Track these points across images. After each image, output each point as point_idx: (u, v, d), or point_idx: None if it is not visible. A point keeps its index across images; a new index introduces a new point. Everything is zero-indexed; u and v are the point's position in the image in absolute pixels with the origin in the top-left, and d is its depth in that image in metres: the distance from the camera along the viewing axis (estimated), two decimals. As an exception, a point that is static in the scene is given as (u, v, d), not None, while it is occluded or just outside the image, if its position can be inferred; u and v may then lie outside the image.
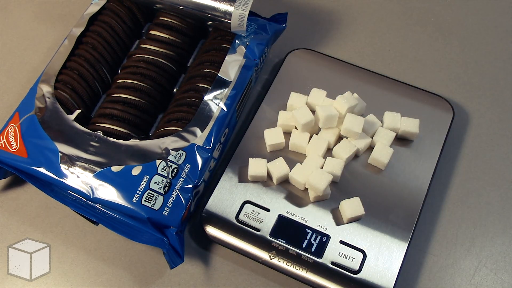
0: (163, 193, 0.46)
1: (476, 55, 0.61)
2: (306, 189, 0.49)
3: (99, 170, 0.47)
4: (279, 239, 0.47)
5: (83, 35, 0.55)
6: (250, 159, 0.50)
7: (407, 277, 0.48)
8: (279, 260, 0.46)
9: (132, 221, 0.46)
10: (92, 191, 0.46)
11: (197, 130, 0.49)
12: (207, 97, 0.51)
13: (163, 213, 0.46)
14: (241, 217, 0.48)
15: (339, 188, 0.50)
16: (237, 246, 0.47)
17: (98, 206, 0.47)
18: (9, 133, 0.49)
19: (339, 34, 0.62)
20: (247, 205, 0.49)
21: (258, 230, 0.48)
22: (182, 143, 0.48)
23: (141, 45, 0.55)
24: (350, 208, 0.47)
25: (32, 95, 0.51)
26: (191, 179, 0.47)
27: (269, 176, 0.50)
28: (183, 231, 0.48)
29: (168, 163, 0.47)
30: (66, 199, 0.47)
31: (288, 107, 0.53)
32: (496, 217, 0.51)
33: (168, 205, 0.46)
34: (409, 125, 0.52)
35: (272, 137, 0.51)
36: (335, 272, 0.46)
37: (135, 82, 0.52)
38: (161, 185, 0.46)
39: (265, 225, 0.48)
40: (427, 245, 0.50)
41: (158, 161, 0.47)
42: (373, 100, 0.54)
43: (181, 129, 0.49)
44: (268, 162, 0.50)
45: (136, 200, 0.46)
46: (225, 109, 0.50)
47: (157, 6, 0.56)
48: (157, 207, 0.46)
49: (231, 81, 0.51)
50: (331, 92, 0.53)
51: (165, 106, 0.54)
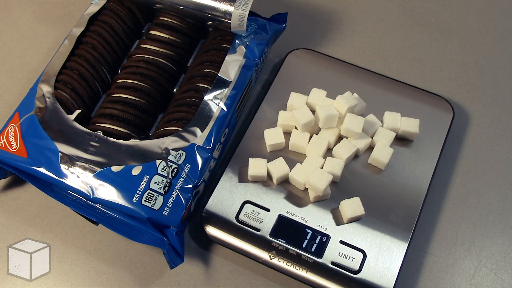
0: (163, 193, 0.46)
1: (476, 55, 0.61)
2: (306, 189, 0.49)
3: (99, 170, 0.47)
4: (279, 239, 0.47)
5: (83, 35, 0.55)
6: (250, 159, 0.50)
7: (407, 277, 0.48)
8: (279, 260, 0.46)
9: (132, 221, 0.46)
10: (92, 191, 0.46)
11: (197, 130, 0.49)
12: (207, 97, 0.51)
13: (163, 213, 0.46)
14: (241, 217, 0.48)
15: (339, 188, 0.50)
16: (237, 246, 0.47)
17: (98, 206, 0.47)
18: (9, 133, 0.49)
19: (339, 34, 0.62)
20: (247, 205, 0.49)
21: (258, 230, 0.48)
22: (182, 143, 0.48)
23: (141, 45, 0.55)
24: (350, 208, 0.47)
25: (32, 95, 0.51)
26: (191, 179, 0.47)
27: (269, 176, 0.50)
28: (183, 231, 0.48)
29: (168, 163, 0.47)
30: (66, 199, 0.47)
31: (288, 107, 0.53)
32: (496, 217, 0.51)
33: (168, 205, 0.46)
34: (409, 125, 0.52)
35: (272, 137, 0.51)
36: (335, 272, 0.46)
37: (135, 82, 0.52)
38: (161, 185, 0.46)
39: (265, 225, 0.48)
40: (427, 245, 0.50)
41: (158, 161, 0.47)
42: (373, 100, 0.54)
43: (181, 129, 0.49)
44: (268, 162, 0.50)
45: (136, 200, 0.46)
46: (225, 109, 0.50)
47: (157, 6, 0.56)
48: (157, 207, 0.46)
49: (231, 81, 0.51)
50: (331, 92, 0.53)
51: (165, 106, 0.54)
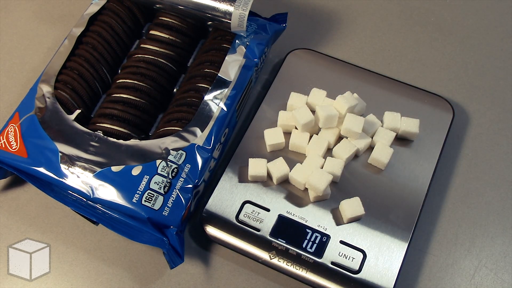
0: (163, 193, 0.46)
1: (476, 55, 0.61)
2: (306, 189, 0.49)
3: (99, 170, 0.47)
4: (279, 239, 0.47)
5: (83, 35, 0.55)
6: (250, 159, 0.50)
7: (407, 277, 0.48)
8: (279, 260, 0.46)
9: (132, 221, 0.46)
10: (92, 191, 0.46)
11: (197, 130, 0.49)
12: (207, 97, 0.51)
13: (163, 213, 0.46)
14: (241, 217, 0.48)
15: (339, 188, 0.50)
16: (237, 246, 0.47)
17: (98, 206, 0.47)
18: (9, 133, 0.49)
19: (339, 34, 0.62)
20: (247, 205, 0.49)
21: (258, 230, 0.48)
22: (182, 143, 0.48)
23: (141, 45, 0.55)
24: (350, 208, 0.47)
25: (32, 95, 0.51)
26: (191, 179, 0.47)
27: (269, 176, 0.50)
28: (183, 231, 0.48)
29: (168, 163, 0.47)
30: (66, 199, 0.47)
31: (288, 107, 0.53)
32: (496, 217, 0.51)
33: (168, 205, 0.46)
34: (409, 125, 0.52)
35: (272, 137, 0.51)
36: (335, 272, 0.46)
37: (135, 82, 0.52)
38: (161, 185, 0.46)
39: (265, 225, 0.48)
40: (427, 245, 0.50)
41: (158, 161, 0.47)
42: (373, 100, 0.54)
43: (181, 129, 0.49)
44: (268, 162, 0.50)
45: (136, 200, 0.46)
46: (225, 109, 0.50)
47: (157, 6, 0.56)
48: (157, 207, 0.46)
49: (231, 81, 0.51)
50: (331, 92, 0.53)
51: (165, 106, 0.54)
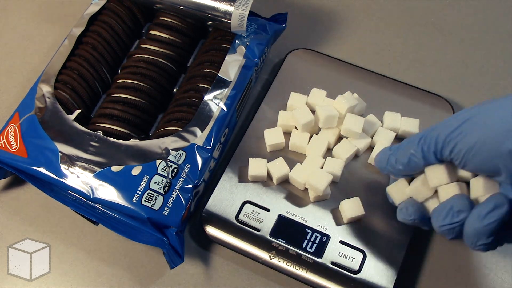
0: (163, 193, 0.46)
1: (476, 55, 0.61)
2: (306, 189, 0.49)
3: (99, 170, 0.47)
4: (279, 239, 0.47)
5: (83, 35, 0.55)
6: (250, 159, 0.50)
7: (407, 277, 0.48)
8: (279, 260, 0.46)
9: (132, 221, 0.46)
10: (92, 191, 0.46)
11: (197, 130, 0.49)
12: (207, 97, 0.51)
13: (163, 213, 0.46)
14: (241, 217, 0.48)
15: (339, 188, 0.50)
16: (237, 246, 0.47)
17: (98, 206, 0.47)
18: (9, 133, 0.49)
19: (339, 34, 0.62)
20: (247, 205, 0.49)
21: (258, 230, 0.48)
22: (182, 143, 0.48)
23: (141, 45, 0.55)
24: (350, 208, 0.47)
25: (32, 95, 0.51)
26: (191, 179, 0.47)
27: (269, 176, 0.50)
28: (183, 231, 0.48)
29: (168, 163, 0.47)
30: (66, 199, 0.47)
31: (288, 107, 0.53)
32: (496, 217, 0.51)
33: (168, 205, 0.46)
34: (409, 125, 0.52)
35: (272, 137, 0.51)
36: (335, 272, 0.46)
37: (135, 82, 0.52)
38: (161, 185, 0.46)
39: (265, 225, 0.48)
40: (427, 245, 0.50)
41: (158, 161, 0.47)
42: (373, 100, 0.54)
43: (181, 129, 0.49)
44: (268, 162, 0.50)
45: (136, 200, 0.46)
46: (225, 109, 0.50)
47: (157, 6, 0.56)
48: (157, 207, 0.46)
49: (231, 81, 0.51)
50: (331, 92, 0.53)
51: (165, 106, 0.54)
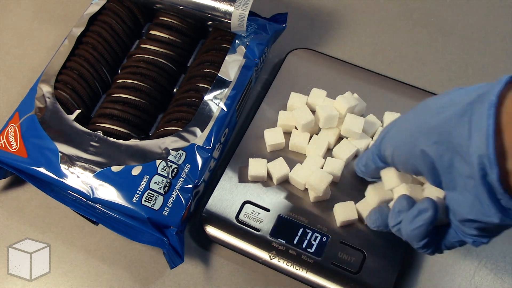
0: (163, 193, 0.46)
1: (476, 55, 0.61)
2: (306, 189, 0.49)
3: (99, 170, 0.47)
4: (279, 239, 0.47)
5: (83, 35, 0.55)
6: (250, 159, 0.50)
7: (407, 277, 0.48)
8: (279, 260, 0.46)
9: (132, 221, 0.46)
10: (92, 191, 0.46)
11: (197, 130, 0.49)
12: (207, 97, 0.51)
13: (163, 213, 0.46)
14: (241, 217, 0.48)
15: (339, 188, 0.50)
16: (237, 246, 0.47)
17: (98, 206, 0.47)
18: (9, 133, 0.49)
19: (339, 34, 0.62)
20: (247, 205, 0.49)
21: (258, 230, 0.48)
22: (182, 143, 0.48)
23: (141, 45, 0.55)
24: (343, 212, 0.47)
25: (32, 95, 0.51)
26: (191, 179, 0.47)
27: (269, 176, 0.50)
28: (183, 231, 0.48)
29: (168, 163, 0.47)
30: (66, 199, 0.47)
31: (288, 107, 0.53)
32: (496, 217, 0.51)
33: (168, 205, 0.46)
34: None
35: (272, 137, 0.51)
36: (335, 272, 0.46)
37: (135, 82, 0.52)
38: (161, 185, 0.46)
39: (265, 225, 0.48)
40: (427, 245, 0.50)
41: (158, 161, 0.47)
42: (373, 100, 0.54)
43: (181, 129, 0.49)
44: (268, 162, 0.50)
45: (136, 200, 0.46)
46: (225, 109, 0.50)
47: (157, 6, 0.56)
48: (157, 207, 0.46)
49: (231, 81, 0.51)
50: (331, 92, 0.53)
51: (165, 106, 0.54)
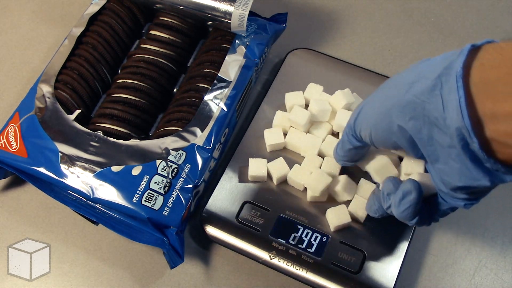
0: (163, 193, 0.46)
1: (476, 55, 0.61)
2: (305, 189, 0.49)
3: (99, 170, 0.47)
4: (279, 239, 0.47)
5: (83, 35, 0.55)
6: (250, 159, 0.50)
7: (407, 277, 0.48)
8: (279, 260, 0.46)
9: (132, 221, 0.46)
10: (92, 191, 0.46)
11: (197, 130, 0.49)
12: (207, 97, 0.51)
13: (163, 213, 0.46)
14: (241, 217, 0.48)
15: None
16: (237, 246, 0.47)
17: (98, 206, 0.47)
18: (9, 133, 0.49)
19: (339, 34, 0.62)
20: (247, 205, 0.49)
21: (258, 230, 0.48)
22: (182, 143, 0.48)
23: (141, 45, 0.55)
24: (336, 216, 0.47)
25: (32, 95, 0.51)
26: (191, 179, 0.47)
27: (269, 176, 0.50)
28: (183, 231, 0.48)
29: (168, 163, 0.47)
30: (66, 199, 0.47)
31: (288, 109, 0.53)
32: (496, 217, 0.51)
33: (168, 205, 0.46)
34: None
35: (272, 137, 0.51)
36: (335, 272, 0.46)
37: (135, 82, 0.52)
38: (161, 185, 0.46)
39: (265, 225, 0.48)
40: (427, 245, 0.50)
41: (158, 161, 0.47)
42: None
43: (181, 129, 0.49)
44: (268, 162, 0.50)
45: (136, 200, 0.46)
46: (225, 109, 0.50)
47: (157, 6, 0.56)
48: (157, 207, 0.46)
49: (231, 81, 0.51)
50: (331, 92, 0.53)
51: (165, 106, 0.54)
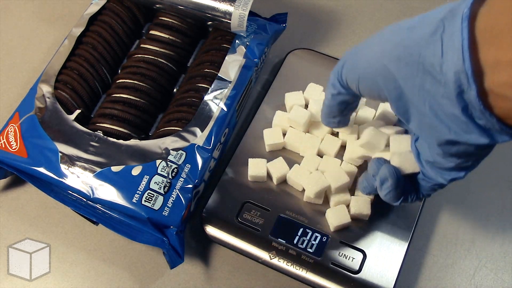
0: (163, 193, 0.46)
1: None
2: (304, 190, 0.49)
3: (99, 170, 0.47)
4: (279, 239, 0.47)
5: (83, 35, 0.55)
6: (250, 159, 0.50)
7: (407, 277, 0.48)
8: (279, 260, 0.46)
9: (132, 221, 0.46)
10: (92, 191, 0.46)
11: (197, 130, 0.49)
12: (207, 97, 0.51)
13: (163, 213, 0.46)
14: (241, 217, 0.48)
15: (339, 188, 0.50)
16: (237, 246, 0.47)
17: (98, 206, 0.47)
18: (9, 133, 0.49)
19: (339, 34, 0.62)
20: (247, 205, 0.49)
21: (258, 230, 0.48)
22: (182, 143, 0.48)
23: (141, 45, 0.55)
24: (335, 217, 0.47)
25: (32, 95, 0.51)
26: (191, 179, 0.47)
27: (269, 176, 0.50)
28: (183, 231, 0.48)
29: (168, 163, 0.47)
30: (66, 199, 0.47)
31: (287, 109, 0.53)
32: (496, 217, 0.51)
33: (168, 205, 0.46)
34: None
35: (271, 137, 0.51)
36: (335, 272, 0.46)
37: (135, 82, 0.52)
38: (161, 185, 0.46)
39: (265, 225, 0.48)
40: (427, 245, 0.50)
41: (158, 161, 0.47)
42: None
43: (181, 129, 0.49)
44: (268, 162, 0.50)
45: (136, 200, 0.46)
46: (225, 109, 0.50)
47: (157, 6, 0.56)
48: (157, 207, 0.46)
49: (231, 81, 0.51)
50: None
51: (165, 106, 0.54)
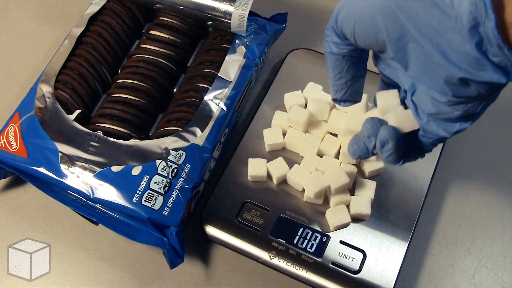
0: (163, 193, 0.46)
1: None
2: (304, 189, 0.49)
3: (99, 170, 0.47)
4: (279, 239, 0.47)
5: (83, 35, 0.55)
6: (250, 159, 0.50)
7: (407, 277, 0.48)
8: (279, 260, 0.46)
9: (132, 221, 0.46)
10: (92, 191, 0.46)
11: (197, 130, 0.49)
12: (207, 97, 0.51)
13: (163, 213, 0.46)
14: (241, 217, 0.48)
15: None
16: (237, 246, 0.47)
17: (98, 206, 0.47)
18: (9, 133, 0.49)
19: (339, 34, 0.62)
20: (247, 205, 0.49)
21: (258, 230, 0.48)
22: (182, 143, 0.48)
23: (141, 45, 0.55)
24: (335, 216, 0.47)
25: (32, 95, 0.51)
26: (191, 179, 0.47)
27: (269, 176, 0.50)
28: (183, 231, 0.48)
29: (168, 163, 0.47)
30: (66, 199, 0.47)
31: (287, 109, 0.53)
32: (496, 217, 0.51)
33: (168, 205, 0.46)
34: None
35: (271, 137, 0.51)
36: (335, 272, 0.46)
37: (135, 82, 0.52)
38: (161, 185, 0.46)
39: (265, 225, 0.48)
40: (427, 245, 0.50)
41: (158, 161, 0.47)
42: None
43: (181, 129, 0.49)
44: (268, 162, 0.50)
45: (136, 200, 0.46)
46: (225, 109, 0.50)
47: (157, 6, 0.56)
48: (157, 207, 0.46)
49: (231, 81, 0.51)
50: (331, 92, 0.53)
51: (165, 106, 0.54)
